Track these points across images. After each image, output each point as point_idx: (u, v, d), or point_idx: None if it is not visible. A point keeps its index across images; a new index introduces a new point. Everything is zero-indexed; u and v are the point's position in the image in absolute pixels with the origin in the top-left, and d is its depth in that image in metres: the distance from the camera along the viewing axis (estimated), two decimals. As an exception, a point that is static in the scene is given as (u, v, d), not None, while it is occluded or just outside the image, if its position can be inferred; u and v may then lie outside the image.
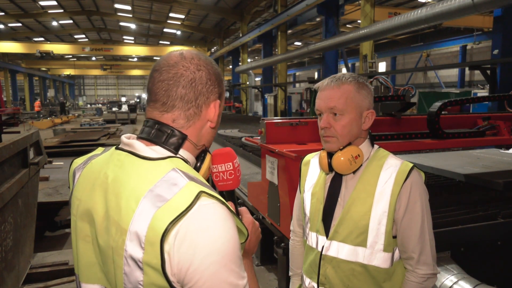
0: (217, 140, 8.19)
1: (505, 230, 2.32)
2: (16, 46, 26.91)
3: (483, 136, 2.89)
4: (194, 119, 0.90)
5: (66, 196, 6.41)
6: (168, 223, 0.73)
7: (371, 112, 1.29)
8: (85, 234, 0.88)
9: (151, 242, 0.74)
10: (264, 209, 3.13)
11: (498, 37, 9.70)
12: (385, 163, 1.28)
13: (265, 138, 2.78)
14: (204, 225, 0.75)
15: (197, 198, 0.76)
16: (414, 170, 1.25)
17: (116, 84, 62.22)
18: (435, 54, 25.09)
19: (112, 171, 0.85)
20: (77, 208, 0.90)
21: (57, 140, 11.79)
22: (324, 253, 1.31)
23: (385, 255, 1.23)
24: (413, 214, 1.22)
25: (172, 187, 0.78)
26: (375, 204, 1.23)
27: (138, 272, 0.77)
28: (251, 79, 21.07)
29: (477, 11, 6.15)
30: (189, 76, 0.88)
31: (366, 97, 1.28)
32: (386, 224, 1.22)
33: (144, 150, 0.85)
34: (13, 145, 2.82)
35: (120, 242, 0.79)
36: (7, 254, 2.72)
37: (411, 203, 1.22)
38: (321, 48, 11.45)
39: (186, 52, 0.92)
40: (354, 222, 1.25)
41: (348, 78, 1.27)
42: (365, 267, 1.24)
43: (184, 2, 20.67)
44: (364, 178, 1.28)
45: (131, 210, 0.78)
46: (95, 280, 0.88)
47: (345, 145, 1.28)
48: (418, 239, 1.22)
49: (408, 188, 1.22)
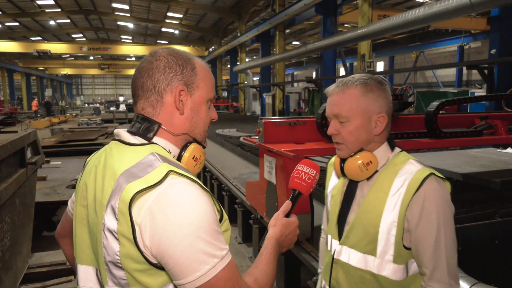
0: (216, 140, 8.19)
1: (502, 229, 2.32)
2: (13, 45, 26.82)
3: (480, 136, 2.89)
4: (158, 105, 0.95)
5: (64, 196, 6.39)
6: (134, 193, 0.79)
7: (382, 116, 1.19)
8: (82, 218, 0.95)
9: (122, 212, 0.81)
10: (262, 208, 3.13)
11: (495, 36, 9.73)
12: (401, 169, 1.19)
13: (263, 137, 2.78)
14: (175, 200, 0.80)
15: (166, 175, 0.81)
16: (430, 179, 1.12)
17: (114, 83, 62.09)
18: (433, 53, 25.14)
19: (104, 157, 0.95)
20: (78, 194, 0.99)
21: (55, 139, 11.75)
22: (336, 257, 1.29)
23: (396, 266, 1.16)
24: (427, 227, 1.11)
25: (147, 168, 0.84)
26: (386, 213, 1.16)
27: (115, 243, 0.82)
28: (249, 78, 21.06)
29: (474, 10, 6.17)
30: (147, 67, 0.95)
31: (375, 100, 1.19)
32: (396, 235, 1.15)
33: (129, 138, 0.94)
34: (10, 145, 2.81)
35: (100, 218, 0.86)
36: (5, 254, 2.72)
37: (425, 215, 1.11)
38: (319, 47, 11.46)
39: (156, 49, 0.99)
40: (365, 229, 1.20)
41: (354, 82, 1.20)
42: (375, 276, 1.19)
43: (182, 2, 20.64)
44: (377, 184, 1.21)
45: (109, 187, 0.86)
46: (88, 262, 0.93)
47: (356, 151, 1.22)
48: (432, 254, 1.11)
49: (420, 198, 1.11)
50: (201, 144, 1.01)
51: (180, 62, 0.96)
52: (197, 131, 1.00)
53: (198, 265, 0.78)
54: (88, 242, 0.93)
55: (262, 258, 0.97)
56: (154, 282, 0.83)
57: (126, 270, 0.83)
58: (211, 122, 1.04)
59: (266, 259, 0.97)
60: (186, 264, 0.78)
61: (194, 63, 0.98)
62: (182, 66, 0.96)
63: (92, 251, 0.91)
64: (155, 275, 0.82)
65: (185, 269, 0.78)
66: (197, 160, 0.98)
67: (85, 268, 0.94)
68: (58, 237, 1.20)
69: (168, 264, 0.79)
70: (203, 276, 0.78)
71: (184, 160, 0.96)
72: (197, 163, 0.98)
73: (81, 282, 0.95)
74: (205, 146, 1.03)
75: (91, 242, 0.91)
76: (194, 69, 0.97)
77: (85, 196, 0.94)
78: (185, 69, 0.96)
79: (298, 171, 1.16)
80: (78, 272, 0.96)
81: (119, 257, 0.82)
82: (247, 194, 3.77)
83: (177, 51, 0.99)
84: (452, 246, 1.13)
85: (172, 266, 0.79)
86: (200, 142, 1.01)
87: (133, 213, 0.79)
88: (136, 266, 0.81)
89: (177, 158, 0.97)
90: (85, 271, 0.94)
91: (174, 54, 0.97)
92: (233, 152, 6.90)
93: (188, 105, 0.97)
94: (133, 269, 0.82)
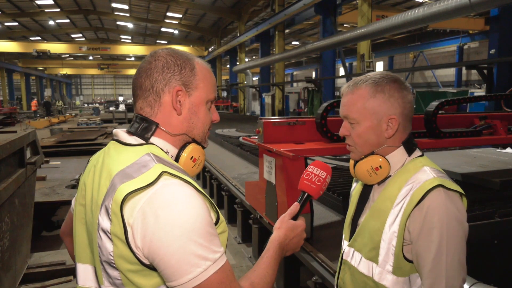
0: (215, 140, 8.19)
1: (501, 229, 2.33)
2: (12, 45, 26.77)
3: (480, 136, 2.90)
4: (156, 105, 0.95)
5: (63, 196, 6.39)
6: (126, 193, 0.79)
7: (394, 118, 1.11)
8: (81, 217, 0.96)
9: (115, 213, 0.80)
10: (261, 208, 3.13)
11: (494, 36, 9.74)
12: (411, 177, 1.11)
13: (263, 137, 2.78)
14: (167, 201, 0.79)
15: (159, 176, 0.81)
16: (436, 190, 1.03)
17: (113, 83, 62.04)
18: (432, 53, 25.16)
19: (102, 157, 0.96)
20: (78, 193, 1.00)
21: (54, 139, 11.74)
22: (344, 258, 1.28)
23: (395, 278, 1.11)
24: (427, 242, 1.03)
25: (141, 168, 0.84)
26: (389, 221, 1.11)
27: (109, 244, 0.82)
28: (249, 78, 21.06)
29: (474, 11, 6.17)
30: (146, 67, 0.96)
31: (386, 101, 1.11)
32: (396, 246, 1.09)
33: (127, 138, 0.94)
34: (9, 145, 2.81)
35: (95, 218, 0.86)
36: (4, 254, 2.71)
37: (425, 229, 1.03)
38: (318, 47, 11.46)
39: (157, 50, 0.99)
40: (370, 235, 1.17)
41: (365, 81, 1.14)
42: (377, 284, 1.15)
43: (182, 2, 20.62)
44: (386, 191, 1.15)
45: (104, 187, 0.86)
46: (87, 260, 0.94)
47: (366, 154, 1.17)
48: (430, 271, 1.03)
49: (422, 210, 1.03)
50: (201, 145, 1.00)
51: (179, 63, 0.95)
52: (196, 132, 0.99)
53: (190, 267, 0.77)
54: (86, 241, 0.93)
55: (262, 261, 0.96)
56: (147, 283, 0.82)
57: (120, 270, 0.83)
58: (212, 123, 1.03)
59: (266, 262, 0.95)
60: (177, 266, 0.77)
61: (193, 64, 0.97)
62: (180, 66, 0.95)
63: (90, 250, 0.92)
64: (148, 276, 0.82)
65: (176, 271, 0.77)
66: (196, 160, 0.97)
67: (84, 267, 0.95)
68: (62, 235, 1.21)
69: (159, 265, 0.79)
70: (195, 279, 0.77)
71: (182, 161, 0.95)
72: (196, 164, 0.97)
73: (81, 280, 0.95)
74: (205, 146, 1.02)
75: (88, 241, 0.92)
76: (193, 70, 0.97)
77: (84, 196, 0.95)
78: (183, 69, 0.95)
79: (308, 172, 1.13)
80: (78, 270, 0.96)
81: (113, 257, 0.82)
82: (247, 194, 3.76)
83: (177, 51, 0.98)
84: (456, 267, 1.04)
85: (163, 268, 0.78)
86: (200, 142, 1.00)
87: (125, 213, 0.79)
88: (129, 267, 0.81)
89: (175, 158, 0.96)
90: (84, 270, 0.94)
91: (173, 54, 0.96)
92: (232, 152, 6.90)
93: (186, 105, 0.96)
94: (126, 269, 0.82)
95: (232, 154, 6.77)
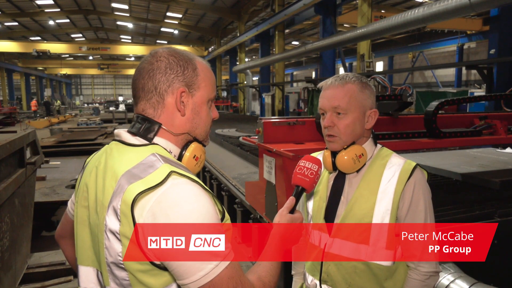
0: (215, 140, 8.19)
1: (501, 229, 2.32)
2: (12, 45, 26.75)
3: (479, 136, 2.89)
4: (159, 107, 0.94)
5: (63, 196, 6.38)
6: (136, 194, 0.79)
7: (374, 112, 1.30)
8: (83, 219, 0.94)
9: (124, 213, 0.80)
10: (261, 208, 3.13)
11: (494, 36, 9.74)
12: (388, 162, 1.29)
13: (263, 137, 2.78)
14: (176, 200, 0.80)
15: (168, 176, 0.81)
16: (417, 169, 1.26)
17: (113, 83, 62.00)
18: (432, 53, 25.15)
19: (104, 158, 0.94)
20: (78, 195, 0.98)
21: (54, 139, 11.74)
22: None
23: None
24: (416, 212, 1.23)
25: (148, 168, 0.84)
26: (378, 202, 1.25)
27: (117, 244, 0.82)
28: (249, 78, 21.05)
29: (474, 11, 6.17)
30: (148, 68, 0.94)
31: (369, 97, 1.29)
32: (390, 219, 1.24)
33: (130, 139, 0.94)
34: (9, 145, 2.81)
35: (101, 219, 0.85)
36: (4, 254, 2.71)
37: (414, 201, 1.23)
38: (318, 47, 11.46)
39: (157, 49, 0.98)
40: (357, 219, 1.26)
41: (352, 78, 1.29)
42: (367, 264, 1.24)
43: (182, 1, 20.63)
44: (367, 176, 1.29)
45: (111, 188, 0.86)
46: (89, 263, 0.93)
47: (348, 144, 1.29)
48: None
49: (411, 186, 1.23)
50: (201, 143, 1.01)
51: (182, 63, 0.95)
52: (198, 131, 0.99)
53: (201, 264, 0.78)
54: (90, 243, 0.92)
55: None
56: (156, 282, 0.83)
57: (128, 270, 0.83)
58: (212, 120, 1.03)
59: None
60: (188, 264, 0.78)
61: (195, 64, 0.97)
62: (183, 67, 0.95)
63: (94, 252, 0.91)
64: (158, 275, 0.82)
65: (188, 269, 0.78)
66: (198, 159, 0.98)
67: (86, 269, 0.94)
68: (58, 238, 1.19)
69: (171, 264, 0.80)
70: (206, 275, 0.79)
71: (185, 160, 0.96)
72: (198, 162, 0.98)
73: (82, 283, 0.95)
74: (205, 144, 1.02)
75: (92, 243, 0.91)
76: (195, 70, 0.96)
77: (86, 197, 0.94)
78: (186, 69, 0.95)
79: (300, 166, 1.18)
80: (79, 273, 0.96)
81: (121, 258, 0.82)
82: (247, 194, 3.76)
83: (178, 51, 0.98)
84: (433, 220, 1.27)
85: (175, 266, 0.79)
86: (201, 141, 1.01)
87: (136, 214, 0.80)
88: (138, 267, 0.82)
89: (178, 158, 0.96)
90: (86, 272, 0.94)
91: (175, 54, 0.96)
92: (232, 152, 6.90)
93: (189, 106, 0.96)
94: (135, 269, 0.82)
95: (232, 154, 6.77)
